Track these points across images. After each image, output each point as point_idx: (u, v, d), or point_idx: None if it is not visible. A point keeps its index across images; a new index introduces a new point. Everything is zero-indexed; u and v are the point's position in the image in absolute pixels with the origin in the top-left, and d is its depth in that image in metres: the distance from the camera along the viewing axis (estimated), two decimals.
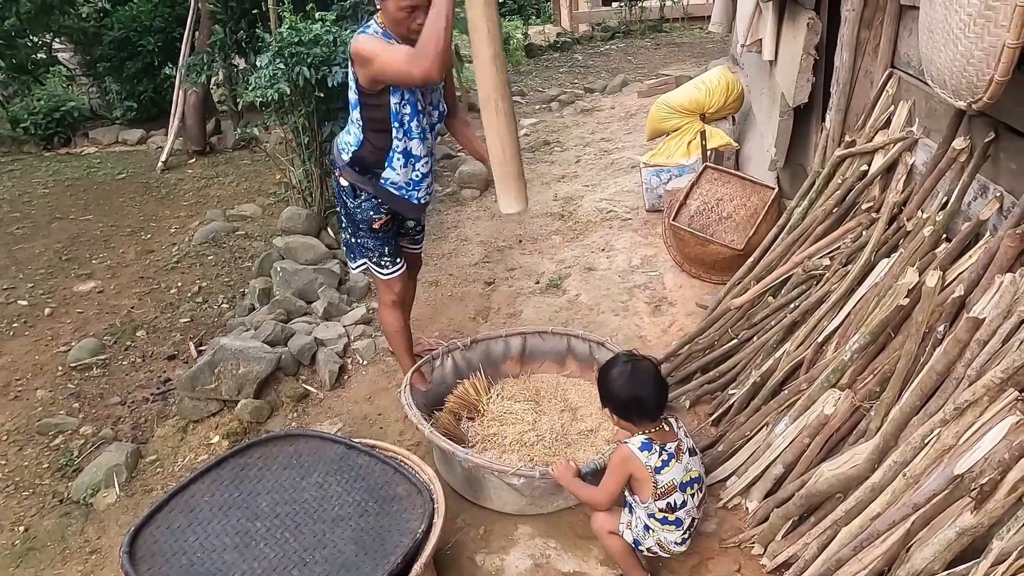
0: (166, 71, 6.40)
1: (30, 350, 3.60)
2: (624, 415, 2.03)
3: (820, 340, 2.45)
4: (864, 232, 2.58)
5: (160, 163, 6.27)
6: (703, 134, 4.31)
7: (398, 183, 2.58)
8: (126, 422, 3.08)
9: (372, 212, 2.62)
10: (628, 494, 2.07)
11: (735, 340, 2.87)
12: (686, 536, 2.05)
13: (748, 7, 4.24)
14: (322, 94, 4.06)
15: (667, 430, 2.03)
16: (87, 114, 7.97)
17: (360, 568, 1.90)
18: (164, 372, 3.37)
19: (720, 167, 3.87)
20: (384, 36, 2.35)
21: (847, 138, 2.90)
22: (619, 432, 2.26)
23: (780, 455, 2.26)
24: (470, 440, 2.65)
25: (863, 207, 2.68)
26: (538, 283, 3.92)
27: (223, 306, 3.91)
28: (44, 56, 8.10)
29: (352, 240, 2.76)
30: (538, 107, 7.86)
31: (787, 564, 2.04)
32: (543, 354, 3.03)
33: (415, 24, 2.27)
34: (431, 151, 2.63)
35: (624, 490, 2.06)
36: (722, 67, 4.91)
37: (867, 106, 2.81)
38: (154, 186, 5.90)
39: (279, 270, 3.85)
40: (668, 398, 2.20)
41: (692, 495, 2.03)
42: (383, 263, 2.73)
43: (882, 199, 2.60)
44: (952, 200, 2.19)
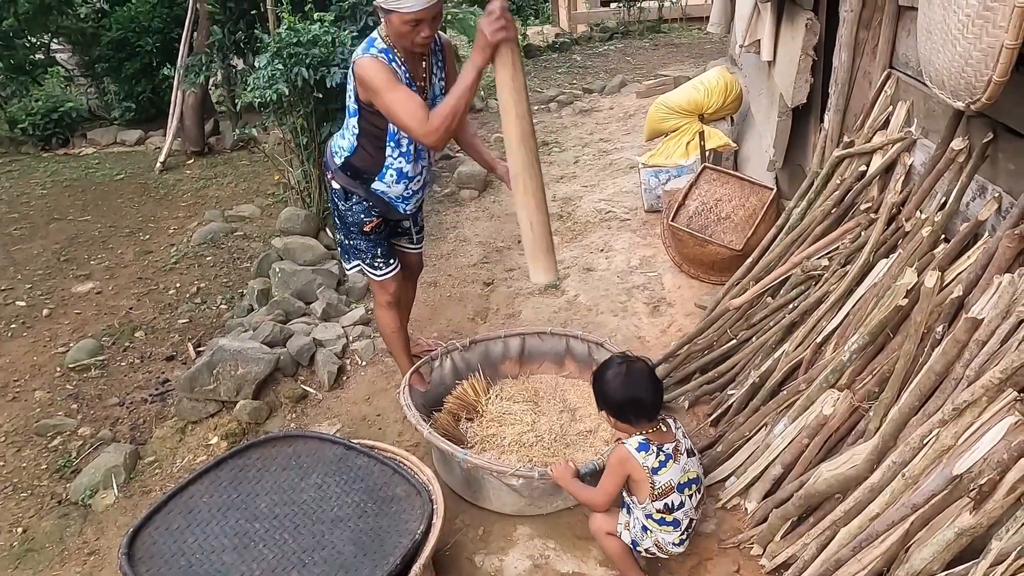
0: (164, 72, 6.38)
1: (28, 351, 3.59)
2: (621, 417, 2.03)
3: (819, 340, 2.45)
4: (863, 232, 2.59)
5: (158, 164, 6.26)
6: (702, 135, 4.31)
7: (388, 193, 2.59)
8: (124, 423, 3.07)
9: (363, 215, 2.62)
10: (626, 495, 2.07)
11: (734, 340, 2.87)
12: (684, 537, 2.04)
13: (746, 8, 4.24)
14: (320, 95, 4.05)
15: (665, 431, 2.03)
16: (85, 115, 7.94)
17: (359, 569, 1.90)
18: (163, 373, 3.37)
19: (719, 168, 3.87)
20: (388, 56, 2.30)
21: (846, 138, 2.90)
22: (617, 433, 2.26)
23: (779, 455, 2.27)
24: (469, 441, 2.65)
25: (862, 207, 2.68)
26: (537, 283, 3.92)
27: (221, 307, 3.91)
28: (42, 57, 8.10)
29: (345, 241, 2.76)
30: (537, 108, 7.82)
31: (786, 565, 2.04)
32: (542, 355, 3.03)
33: (419, 38, 2.24)
34: (426, 167, 2.63)
35: (622, 491, 2.06)
36: (720, 68, 4.91)
37: (865, 107, 2.82)
38: (152, 187, 5.89)
39: (278, 271, 3.85)
40: (664, 398, 2.20)
41: (690, 496, 2.03)
42: (376, 264, 2.73)
43: (881, 199, 2.60)
44: (951, 200, 2.19)
